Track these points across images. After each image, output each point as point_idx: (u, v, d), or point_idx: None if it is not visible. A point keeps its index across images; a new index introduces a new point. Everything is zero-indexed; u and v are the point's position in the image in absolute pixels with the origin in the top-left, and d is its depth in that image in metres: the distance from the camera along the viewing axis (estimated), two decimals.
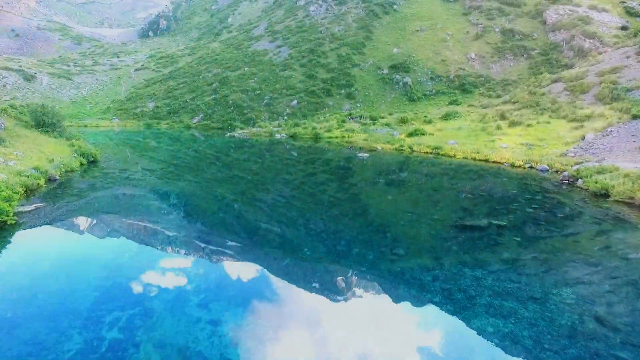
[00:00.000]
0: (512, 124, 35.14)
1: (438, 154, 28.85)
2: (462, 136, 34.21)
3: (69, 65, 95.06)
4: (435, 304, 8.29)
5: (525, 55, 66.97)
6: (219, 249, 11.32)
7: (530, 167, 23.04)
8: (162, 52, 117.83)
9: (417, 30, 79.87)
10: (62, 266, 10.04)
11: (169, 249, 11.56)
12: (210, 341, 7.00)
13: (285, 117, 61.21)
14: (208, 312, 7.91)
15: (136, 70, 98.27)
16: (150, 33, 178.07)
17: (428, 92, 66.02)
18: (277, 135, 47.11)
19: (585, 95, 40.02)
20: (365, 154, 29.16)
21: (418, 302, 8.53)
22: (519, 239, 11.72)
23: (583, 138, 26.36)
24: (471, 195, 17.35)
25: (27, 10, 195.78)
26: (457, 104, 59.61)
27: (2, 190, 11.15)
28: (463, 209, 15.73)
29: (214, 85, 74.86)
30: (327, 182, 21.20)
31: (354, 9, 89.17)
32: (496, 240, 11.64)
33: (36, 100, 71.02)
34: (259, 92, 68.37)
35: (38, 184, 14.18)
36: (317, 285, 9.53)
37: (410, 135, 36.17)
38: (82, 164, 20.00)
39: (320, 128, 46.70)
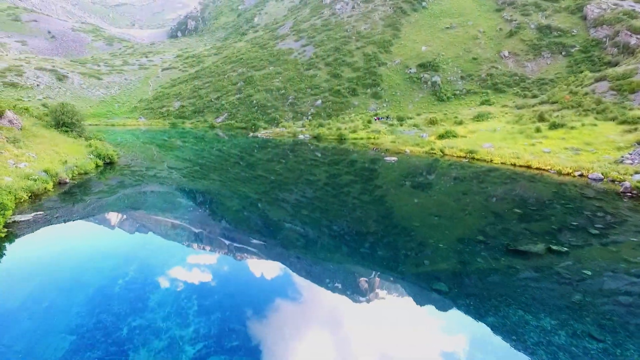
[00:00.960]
0: (553, 126, 32.49)
1: (473, 158, 26.68)
2: (498, 139, 31.87)
3: (99, 65, 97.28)
4: (461, 309, 8.02)
5: (563, 53, 63.12)
6: (243, 246, 11.53)
7: (581, 175, 20.59)
8: (189, 52, 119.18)
9: (447, 28, 76.98)
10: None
11: (195, 245, 11.80)
12: (232, 335, 7.10)
13: (310, 117, 60.00)
14: (231, 307, 8.04)
15: (163, 69, 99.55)
16: (179, 33, 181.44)
17: (458, 92, 63.29)
18: (301, 136, 45.92)
19: (635, 95, 36.79)
20: (393, 158, 27.25)
21: (442, 307, 8.26)
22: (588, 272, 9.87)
23: (639, 143, 23.71)
24: (518, 208, 15.44)
25: (63, 13, 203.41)
26: (490, 104, 56.73)
27: None
28: (495, 214, 14.50)
29: (239, 84, 74.56)
30: (352, 183, 20.79)
31: (381, 6, 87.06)
32: (554, 269, 9.84)
33: (68, 99, 72.77)
34: (283, 91, 67.46)
35: (45, 188, 13.39)
36: (339, 285, 9.45)
37: (440, 137, 34.10)
38: (97, 166, 19.27)
39: (345, 129, 45.13)
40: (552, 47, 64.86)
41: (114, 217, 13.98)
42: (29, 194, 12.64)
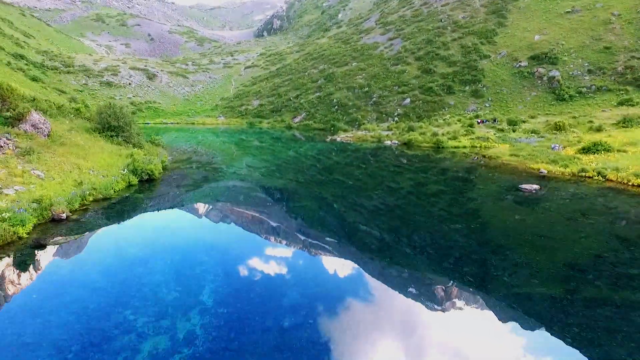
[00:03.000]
0: None
1: None
2: None
3: (187, 65, 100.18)
4: (554, 335, 7.32)
5: None
6: (317, 242, 11.75)
7: None
8: (272, 50, 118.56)
9: (569, 12, 63.66)
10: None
11: (272, 238, 12.32)
12: (304, 331, 7.13)
13: (396, 119, 52.79)
14: (304, 302, 8.17)
15: (246, 67, 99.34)
16: (265, 33, 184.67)
17: (584, 89, 50.94)
18: (387, 142, 39.09)
19: None
20: (534, 186, 18.30)
21: (530, 327, 7.67)
22: None
23: None
24: None
25: (163, 17, 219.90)
26: (632, 104, 44.16)
27: None
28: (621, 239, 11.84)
29: (319, 82, 69.86)
30: (440, 194, 18.98)
31: None
32: None
33: (155, 97, 74.65)
34: (366, 89, 61.03)
35: (15, 234, 8.87)
36: (413, 290, 9.02)
37: (585, 151, 24.79)
38: (130, 185, 15.14)
39: (443, 134, 37.24)
40: None
41: (201, 207, 15.32)
42: None
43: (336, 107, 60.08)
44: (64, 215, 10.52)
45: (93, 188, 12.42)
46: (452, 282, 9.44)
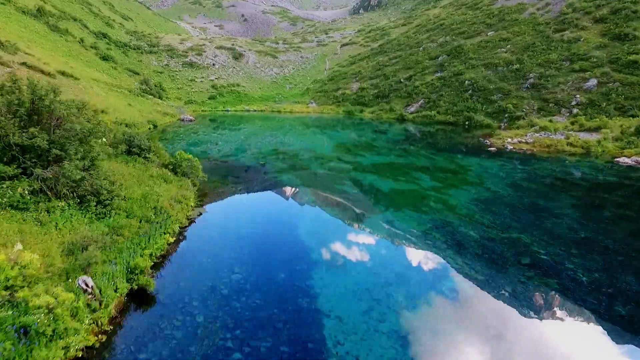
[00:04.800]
0: None
1: None
2: None
3: (277, 44, 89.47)
4: None
5: None
6: (402, 233, 11.27)
7: None
8: (371, 26, 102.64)
9: None
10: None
11: (355, 225, 12.25)
12: (386, 324, 6.96)
13: (576, 110, 34.14)
14: (385, 296, 7.86)
15: (342, 45, 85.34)
16: (361, 10, 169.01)
17: None
18: (622, 159, 21.53)
19: None
20: None
21: None
22: None
23: None
24: None
25: None
26: None
27: None
28: None
29: (440, 58, 52.83)
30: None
31: None
32: None
33: (239, 79, 64.63)
34: (516, 66, 42.63)
35: None
36: (506, 293, 8.22)
37: None
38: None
39: None
40: None
41: (288, 189, 16.14)
42: None
43: (470, 91, 42.93)
44: None
45: None
46: (554, 291, 8.23)
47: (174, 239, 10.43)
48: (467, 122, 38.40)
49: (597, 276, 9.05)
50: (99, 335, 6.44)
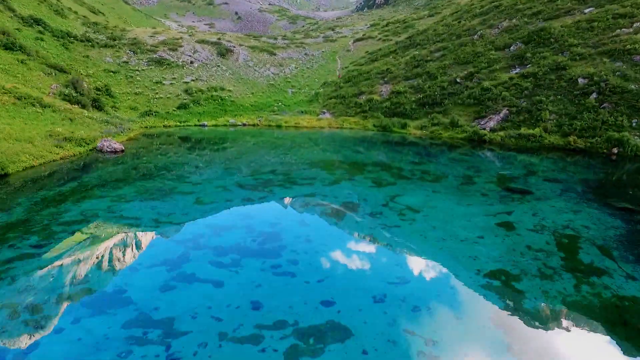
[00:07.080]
0: None
1: None
2: None
3: (276, 39, 72.84)
4: None
5: None
6: (402, 242, 10.72)
7: None
8: (387, 20, 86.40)
9: None
10: None
11: (356, 234, 11.39)
12: (387, 333, 6.53)
13: None
14: (384, 305, 7.35)
15: (355, 41, 68.84)
16: (365, 9, 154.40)
17: None
18: None
19: None
20: None
21: None
22: None
23: None
24: None
25: None
26: None
27: None
28: None
29: (513, 48, 36.22)
30: None
31: None
32: None
33: (224, 82, 47.68)
34: None
35: None
36: (510, 303, 7.53)
37: None
38: None
39: None
40: None
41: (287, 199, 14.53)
42: None
43: (593, 94, 26.13)
44: None
45: None
46: (559, 306, 7.36)
47: None
48: (615, 150, 21.58)
49: None
50: None
